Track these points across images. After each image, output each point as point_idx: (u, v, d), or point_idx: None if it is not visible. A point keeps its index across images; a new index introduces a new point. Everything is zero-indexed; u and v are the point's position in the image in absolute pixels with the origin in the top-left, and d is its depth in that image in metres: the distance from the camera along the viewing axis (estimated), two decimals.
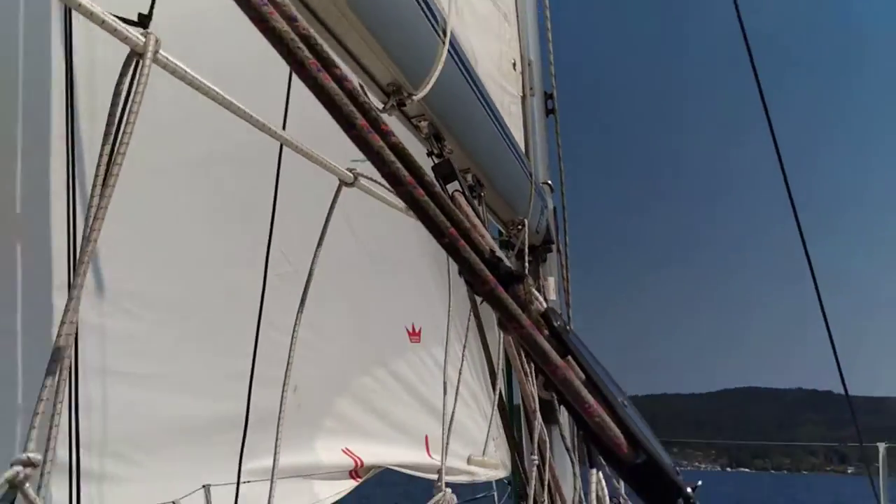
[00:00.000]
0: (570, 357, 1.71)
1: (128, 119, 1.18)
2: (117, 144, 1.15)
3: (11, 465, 0.92)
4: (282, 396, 2.20)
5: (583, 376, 1.71)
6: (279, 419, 2.18)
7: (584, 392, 1.64)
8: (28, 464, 0.93)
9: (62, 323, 1.04)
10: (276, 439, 2.13)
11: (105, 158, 1.17)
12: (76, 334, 2.68)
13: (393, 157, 1.27)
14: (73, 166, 2.87)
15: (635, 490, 1.86)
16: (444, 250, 1.45)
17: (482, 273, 1.42)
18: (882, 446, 11.69)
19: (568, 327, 1.81)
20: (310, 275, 2.13)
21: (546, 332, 1.66)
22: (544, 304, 1.79)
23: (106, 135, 1.19)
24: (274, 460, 2.14)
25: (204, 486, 3.47)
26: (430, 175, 1.43)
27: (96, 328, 3.28)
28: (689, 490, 1.70)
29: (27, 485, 0.93)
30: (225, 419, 3.55)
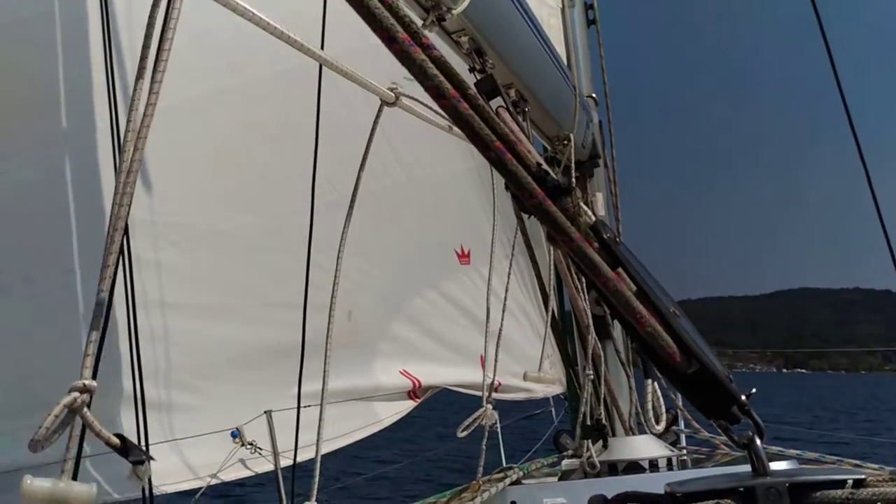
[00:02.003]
0: (620, 269, 1.70)
1: (162, 47, 1.16)
2: (155, 73, 1.14)
3: (69, 391, 0.95)
4: (329, 318, 2.23)
5: (634, 288, 1.70)
6: (327, 341, 2.21)
7: (636, 303, 1.63)
8: (84, 390, 0.96)
9: (108, 254, 1.05)
10: (325, 361, 2.17)
11: (142, 89, 1.17)
12: (130, 265, 2.73)
13: (436, 71, 1.25)
14: (114, 101, 2.88)
15: (689, 399, 1.86)
16: (489, 166, 1.43)
17: (529, 186, 1.40)
18: None
19: (618, 239, 1.79)
20: (353, 197, 2.13)
21: (596, 244, 1.65)
22: (593, 218, 1.77)
23: (140, 67, 1.18)
24: (323, 382, 2.18)
25: (266, 412, 3.57)
26: (474, 89, 1.41)
27: (152, 262, 3.34)
28: (743, 398, 1.69)
29: (85, 409, 0.95)
30: (280, 346, 3.62)
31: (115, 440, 1.01)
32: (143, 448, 2.49)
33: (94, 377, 0.99)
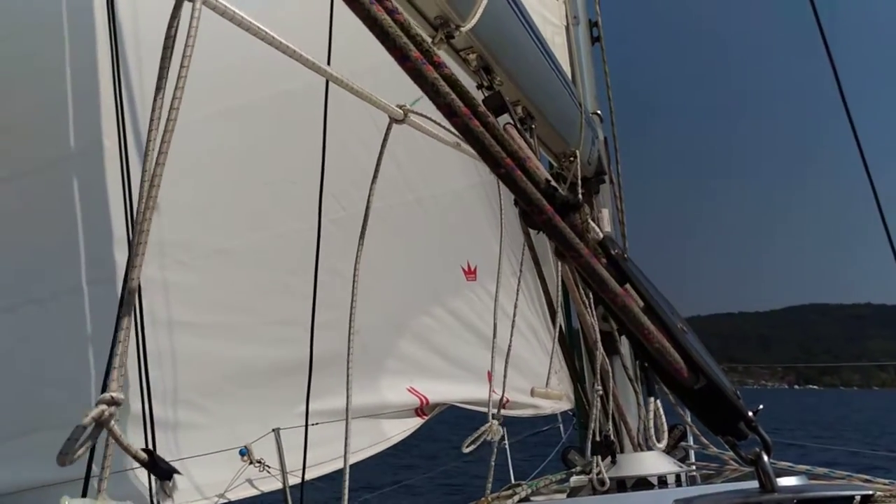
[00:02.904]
0: (628, 284, 1.70)
1: (182, 64, 1.17)
2: (174, 91, 1.15)
3: (97, 403, 0.96)
4: (349, 338, 2.23)
5: (641, 303, 1.70)
6: (348, 360, 2.22)
7: (644, 319, 1.63)
8: (112, 402, 0.96)
9: (131, 267, 1.06)
10: (347, 381, 2.17)
11: (160, 108, 1.18)
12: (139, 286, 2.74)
13: (447, 89, 1.26)
14: (122, 119, 2.91)
15: (696, 415, 1.86)
16: (497, 183, 1.44)
17: (539, 202, 1.41)
18: None
19: (625, 255, 1.80)
20: (366, 214, 2.14)
21: (604, 260, 1.66)
22: (601, 234, 1.78)
23: (158, 88, 1.19)
24: (347, 401, 2.18)
25: (274, 430, 3.57)
26: (483, 107, 1.42)
27: (158, 281, 3.36)
28: (750, 414, 1.69)
29: (112, 422, 0.96)
30: (287, 364, 3.63)
31: (143, 455, 1.01)
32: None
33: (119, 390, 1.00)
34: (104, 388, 0.98)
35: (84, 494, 2.03)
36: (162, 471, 1.03)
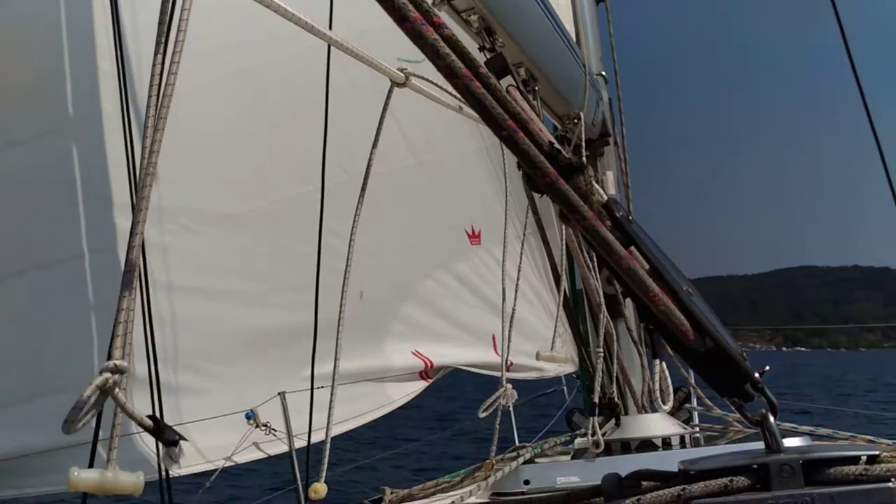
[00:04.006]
0: (633, 247, 1.70)
1: (179, 27, 1.16)
2: (169, 60, 1.14)
3: (101, 371, 0.95)
4: (341, 299, 2.23)
5: (646, 266, 1.70)
6: (339, 322, 2.22)
7: (649, 281, 1.62)
8: (116, 370, 0.96)
9: (133, 234, 1.05)
10: (337, 340, 2.18)
11: (159, 74, 1.16)
12: (143, 252, 2.74)
13: (448, 50, 1.24)
14: (124, 83, 2.89)
15: (703, 377, 1.86)
16: (500, 146, 1.43)
17: (542, 165, 1.39)
18: None
19: (630, 217, 1.79)
20: (365, 178, 2.13)
21: (608, 222, 1.65)
22: (605, 196, 1.76)
23: (156, 53, 1.18)
24: (335, 364, 2.19)
25: (279, 394, 3.59)
26: (485, 69, 1.40)
27: (163, 246, 3.36)
28: (756, 375, 1.69)
29: (117, 390, 0.96)
30: (293, 329, 3.64)
31: (148, 422, 1.01)
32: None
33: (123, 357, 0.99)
34: (109, 357, 0.98)
35: (91, 461, 2.04)
36: (167, 438, 1.03)
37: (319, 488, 2.19)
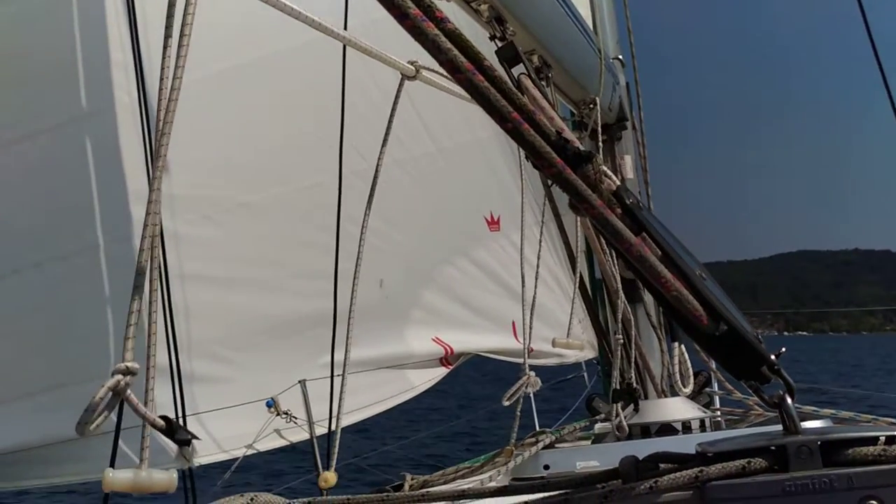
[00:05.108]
0: (644, 234, 1.70)
1: (186, 10, 1.17)
2: (174, 55, 1.16)
3: (112, 374, 0.97)
4: (352, 288, 2.25)
5: (658, 252, 1.69)
6: (350, 311, 2.24)
7: (661, 267, 1.62)
8: (127, 372, 0.97)
9: (145, 226, 1.07)
10: (348, 327, 2.20)
11: (170, 65, 1.18)
12: (162, 242, 2.77)
13: (449, 45, 1.25)
14: (141, 73, 2.92)
15: (719, 361, 1.86)
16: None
17: (548, 156, 1.40)
18: None
19: (641, 204, 1.79)
20: (377, 168, 2.15)
21: (619, 210, 1.65)
22: (616, 183, 1.76)
23: (165, 45, 1.19)
24: (346, 355, 2.21)
25: (300, 381, 3.61)
26: (490, 60, 1.41)
27: (181, 236, 3.39)
28: (772, 357, 1.69)
29: (129, 391, 0.97)
30: (311, 316, 3.66)
31: (161, 422, 1.03)
32: (185, 426, 2.54)
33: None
34: (122, 358, 0.99)
35: (112, 460, 2.06)
36: (180, 437, 1.05)
37: (329, 477, 2.22)
